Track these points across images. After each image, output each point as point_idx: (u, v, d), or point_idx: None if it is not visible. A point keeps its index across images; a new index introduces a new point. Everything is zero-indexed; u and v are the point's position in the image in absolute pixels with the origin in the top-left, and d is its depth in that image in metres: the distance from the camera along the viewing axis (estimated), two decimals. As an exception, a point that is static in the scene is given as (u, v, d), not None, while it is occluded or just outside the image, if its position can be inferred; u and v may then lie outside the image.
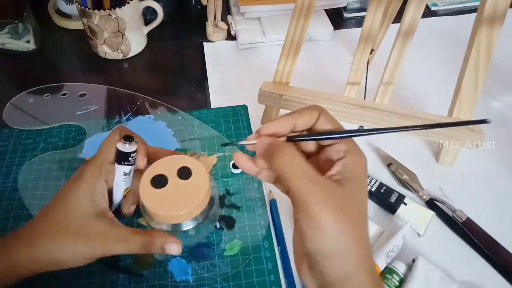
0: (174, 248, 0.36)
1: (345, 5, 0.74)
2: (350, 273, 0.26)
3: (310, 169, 0.28)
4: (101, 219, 0.36)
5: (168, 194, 0.37)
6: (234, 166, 0.51)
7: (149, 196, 0.37)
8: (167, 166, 0.39)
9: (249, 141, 0.31)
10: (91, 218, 0.35)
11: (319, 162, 0.31)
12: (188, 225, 0.39)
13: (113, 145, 0.38)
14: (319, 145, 0.32)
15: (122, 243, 0.35)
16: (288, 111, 0.52)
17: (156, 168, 0.39)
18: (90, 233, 0.35)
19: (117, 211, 0.41)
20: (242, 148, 0.42)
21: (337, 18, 0.74)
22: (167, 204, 0.37)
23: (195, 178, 0.38)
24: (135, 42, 0.67)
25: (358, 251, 0.27)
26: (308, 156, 0.33)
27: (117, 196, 0.41)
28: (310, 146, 0.32)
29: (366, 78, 0.53)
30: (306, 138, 0.31)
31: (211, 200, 0.40)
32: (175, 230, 0.39)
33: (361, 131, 0.30)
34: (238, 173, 0.50)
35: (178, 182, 0.38)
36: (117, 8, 0.60)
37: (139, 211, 0.41)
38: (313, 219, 0.26)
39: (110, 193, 0.39)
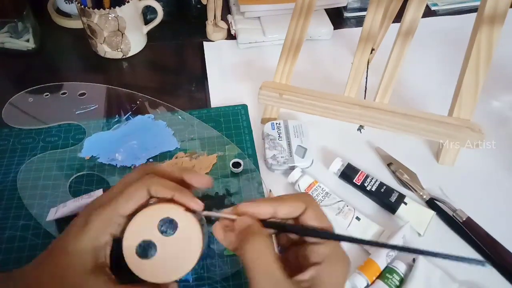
0: None
1: (345, 4, 0.74)
2: None
3: (277, 270, 0.25)
4: (98, 275, 0.31)
5: (158, 261, 0.31)
6: (234, 166, 0.51)
7: (136, 266, 0.31)
8: (147, 224, 0.32)
9: (229, 215, 0.29)
10: (89, 274, 0.31)
11: (298, 256, 0.29)
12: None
13: (134, 199, 0.32)
14: (301, 238, 0.30)
15: None
16: (288, 111, 0.53)
17: (135, 234, 0.31)
18: None
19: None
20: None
21: (337, 17, 0.74)
22: (160, 272, 0.31)
23: (182, 231, 0.31)
24: (135, 41, 0.67)
25: None
26: (287, 246, 0.31)
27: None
28: (291, 236, 0.30)
29: (366, 78, 0.53)
30: (280, 229, 0.29)
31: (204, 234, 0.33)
32: None
33: (342, 238, 0.27)
34: (238, 173, 0.50)
35: (165, 242, 0.31)
36: (116, 7, 0.60)
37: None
38: None
39: (115, 246, 0.33)
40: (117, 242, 0.33)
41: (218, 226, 0.30)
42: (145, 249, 0.31)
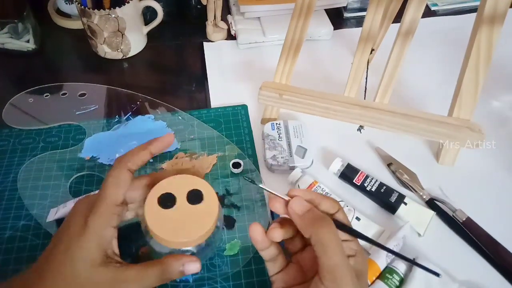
0: (193, 267, 0.35)
1: (345, 5, 0.74)
2: None
3: (343, 246, 0.31)
4: (108, 265, 0.33)
5: (174, 217, 0.35)
6: (235, 166, 0.51)
7: (154, 216, 0.35)
8: (177, 185, 0.36)
9: (282, 195, 0.34)
10: (98, 267, 0.33)
11: (304, 259, 0.35)
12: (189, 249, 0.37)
13: (121, 185, 0.35)
14: (304, 243, 0.36)
15: (136, 282, 0.33)
16: (288, 111, 0.53)
17: (164, 186, 0.36)
18: (100, 283, 0.32)
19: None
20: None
21: (337, 18, 0.74)
22: (172, 229, 0.34)
23: (205, 204, 0.36)
24: (135, 41, 0.67)
25: None
26: (295, 251, 0.37)
27: None
28: (297, 243, 0.36)
29: (366, 78, 0.53)
30: (343, 229, 0.33)
31: (217, 227, 0.37)
32: (174, 252, 0.37)
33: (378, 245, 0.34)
34: (238, 173, 0.50)
35: (186, 205, 0.35)
36: (117, 8, 0.60)
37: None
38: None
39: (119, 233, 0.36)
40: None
41: (257, 225, 0.34)
42: (167, 201, 0.35)
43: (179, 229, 0.34)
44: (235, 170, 0.50)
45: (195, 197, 0.36)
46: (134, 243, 0.38)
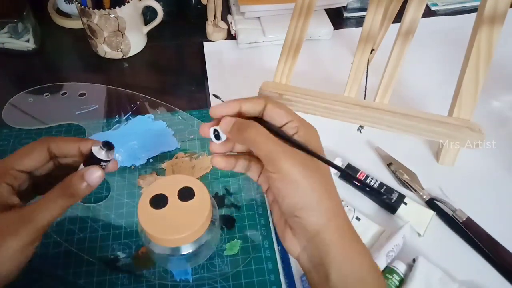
0: (95, 175, 0.34)
1: (345, 4, 0.74)
2: (327, 219, 0.31)
3: (276, 139, 0.32)
4: (9, 210, 0.33)
5: (168, 216, 0.36)
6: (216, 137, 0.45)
7: (147, 216, 0.36)
8: (168, 185, 0.38)
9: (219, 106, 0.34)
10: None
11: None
12: (187, 249, 0.38)
13: (30, 157, 0.35)
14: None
15: (44, 211, 0.32)
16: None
17: (156, 187, 0.38)
18: (8, 224, 0.32)
19: None
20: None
21: (337, 18, 0.74)
22: (167, 227, 0.35)
23: (197, 200, 0.37)
24: (135, 41, 0.67)
25: (329, 202, 0.31)
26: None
27: None
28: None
29: (366, 78, 0.53)
30: (280, 134, 0.33)
31: (212, 223, 0.39)
32: (173, 253, 0.38)
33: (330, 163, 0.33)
34: (237, 173, 0.50)
35: (178, 203, 0.37)
36: (117, 8, 0.60)
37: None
38: (285, 174, 0.30)
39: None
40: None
41: (203, 126, 0.35)
42: (159, 201, 0.37)
43: (174, 226, 0.35)
44: (216, 141, 0.46)
45: (186, 194, 0.37)
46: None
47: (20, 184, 0.35)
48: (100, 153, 0.34)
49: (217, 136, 0.35)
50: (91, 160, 0.34)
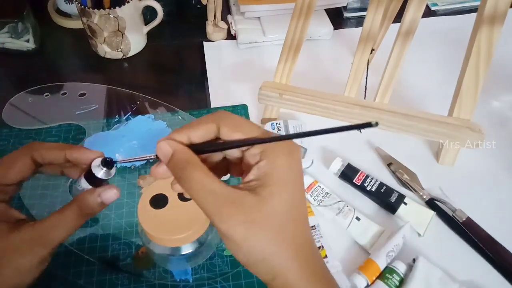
0: (110, 194, 0.33)
1: (345, 4, 0.74)
2: (274, 275, 0.27)
3: (217, 185, 0.26)
4: (20, 228, 0.31)
5: (168, 216, 0.36)
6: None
7: (147, 216, 0.36)
8: (168, 185, 0.37)
9: (147, 156, 0.30)
10: (8, 234, 0.31)
11: (243, 168, 0.29)
12: (187, 249, 0.38)
13: (15, 167, 0.33)
14: (240, 152, 0.29)
15: (58, 228, 0.31)
16: (288, 111, 0.53)
17: (156, 187, 0.38)
18: (21, 245, 0.31)
19: None
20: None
21: (337, 17, 0.74)
22: (165, 226, 0.35)
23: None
24: (135, 41, 0.67)
25: (281, 255, 0.26)
26: (232, 164, 0.31)
27: None
28: (234, 152, 0.30)
29: (366, 78, 0.53)
30: (205, 150, 0.29)
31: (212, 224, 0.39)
32: (173, 253, 0.38)
33: (263, 140, 0.27)
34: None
35: (178, 203, 0.37)
36: (117, 8, 0.60)
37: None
38: (224, 237, 0.26)
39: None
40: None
41: (153, 168, 0.30)
42: (159, 201, 0.36)
43: (174, 226, 0.36)
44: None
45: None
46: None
47: (11, 196, 0.34)
48: (99, 172, 0.33)
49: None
50: (90, 175, 0.33)
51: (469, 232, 0.45)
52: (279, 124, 0.54)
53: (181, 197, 0.37)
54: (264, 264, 0.27)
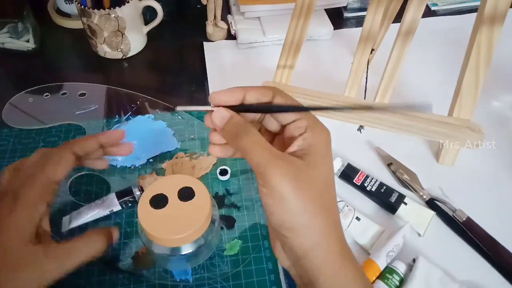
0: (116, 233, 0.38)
1: (345, 4, 0.74)
2: (315, 243, 0.27)
3: (271, 146, 0.28)
4: (37, 244, 0.33)
5: (168, 216, 0.36)
6: (222, 173, 0.50)
7: (147, 216, 0.36)
8: (168, 185, 0.38)
9: (206, 107, 0.32)
10: (29, 244, 0.32)
11: (284, 141, 0.32)
12: (187, 249, 0.38)
13: (62, 165, 0.35)
14: (281, 125, 0.32)
15: (66, 258, 0.33)
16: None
17: (156, 187, 0.38)
18: (31, 260, 0.31)
19: None
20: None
21: (337, 17, 0.74)
22: (165, 227, 0.35)
23: (197, 200, 0.37)
24: (135, 41, 0.67)
25: (321, 221, 0.27)
26: (273, 135, 0.34)
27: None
28: (273, 125, 0.33)
29: (366, 78, 0.53)
30: (255, 111, 0.32)
31: (212, 223, 0.39)
32: (173, 253, 0.38)
33: (311, 108, 0.30)
34: (238, 173, 0.50)
35: (178, 203, 0.37)
36: (116, 8, 0.60)
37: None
38: (274, 190, 0.26)
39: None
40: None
41: (207, 117, 0.32)
42: (159, 201, 0.37)
43: (174, 226, 0.35)
44: (222, 178, 0.50)
45: (186, 194, 0.37)
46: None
47: (54, 196, 0.36)
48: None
49: None
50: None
51: (469, 232, 0.45)
52: (279, 124, 0.54)
53: (181, 197, 0.37)
54: (308, 230, 0.27)
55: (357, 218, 0.46)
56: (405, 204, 0.47)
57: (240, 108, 0.31)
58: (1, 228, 0.32)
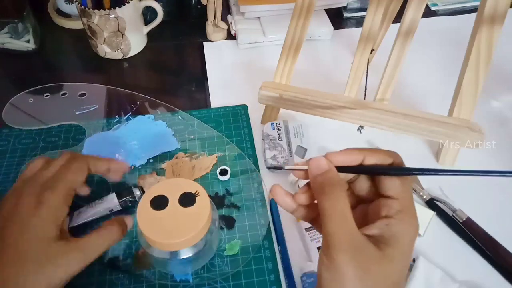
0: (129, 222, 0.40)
1: (345, 5, 0.74)
2: None
3: (352, 219, 0.26)
4: (61, 239, 0.35)
5: (166, 219, 0.36)
6: (222, 173, 0.50)
7: (146, 218, 0.36)
8: (170, 188, 0.38)
9: (301, 167, 0.30)
10: (53, 242, 0.34)
11: (367, 214, 0.30)
12: (186, 253, 0.38)
13: (81, 174, 0.39)
14: (374, 193, 0.30)
15: (86, 249, 0.35)
16: (288, 111, 0.53)
17: (157, 189, 0.38)
18: (57, 256, 0.34)
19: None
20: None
21: (337, 18, 0.74)
22: (164, 230, 0.35)
23: (197, 206, 0.37)
24: (135, 41, 0.67)
25: None
26: (358, 200, 0.31)
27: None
28: (363, 189, 0.30)
29: (366, 78, 0.53)
30: (356, 171, 0.29)
31: (212, 226, 0.39)
32: (172, 257, 0.38)
33: (427, 171, 0.28)
34: (237, 173, 0.50)
35: (178, 207, 0.37)
36: (117, 8, 0.60)
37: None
38: (336, 268, 0.25)
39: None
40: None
41: (277, 187, 0.30)
42: (160, 203, 0.37)
43: (173, 230, 0.35)
44: (222, 178, 0.50)
45: (187, 199, 0.37)
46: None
47: (72, 201, 0.38)
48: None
49: None
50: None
51: (469, 232, 0.45)
52: (279, 124, 0.54)
53: (182, 202, 0.37)
54: None
55: (357, 218, 0.46)
56: (405, 204, 0.47)
57: (342, 169, 0.29)
58: (27, 227, 0.34)
